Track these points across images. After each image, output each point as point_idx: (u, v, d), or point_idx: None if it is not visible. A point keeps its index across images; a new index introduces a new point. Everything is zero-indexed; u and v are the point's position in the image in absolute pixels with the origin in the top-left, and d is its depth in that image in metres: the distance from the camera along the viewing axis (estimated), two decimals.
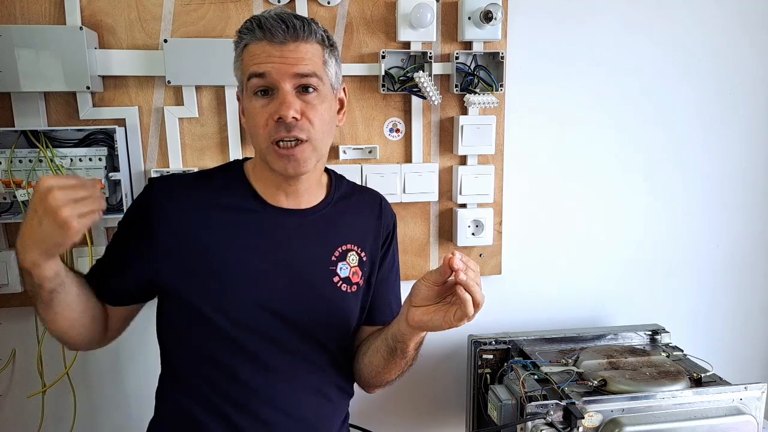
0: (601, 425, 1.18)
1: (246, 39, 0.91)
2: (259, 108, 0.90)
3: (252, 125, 0.92)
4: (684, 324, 1.75)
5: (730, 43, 1.66)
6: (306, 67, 0.89)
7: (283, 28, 0.88)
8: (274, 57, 0.88)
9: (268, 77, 0.89)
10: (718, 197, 1.74)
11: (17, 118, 1.29)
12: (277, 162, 0.92)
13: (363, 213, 1.08)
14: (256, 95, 0.91)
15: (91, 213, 0.80)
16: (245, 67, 0.91)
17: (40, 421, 1.41)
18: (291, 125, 0.89)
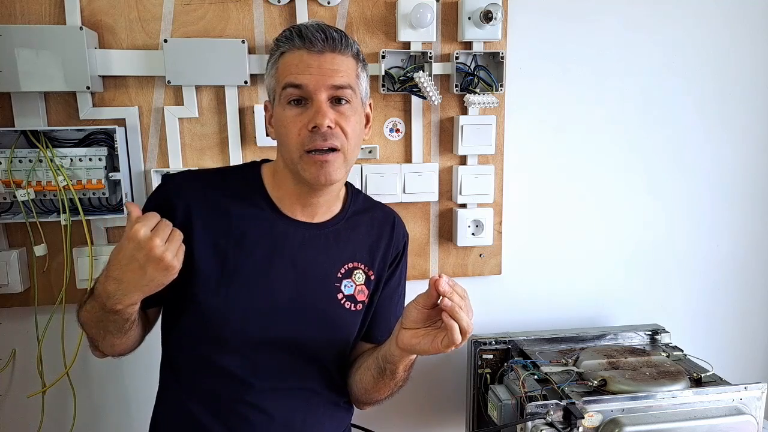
0: (601, 425, 1.18)
1: (284, 47, 0.91)
2: (292, 117, 0.90)
3: (283, 133, 0.92)
4: (684, 324, 1.75)
5: (729, 43, 1.66)
6: (342, 79, 0.90)
7: (322, 37, 0.89)
8: (312, 67, 0.89)
9: (304, 88, 0.89)
10: (718, 197, 1.74)
11: (17, 118, 1.29)
12: (309, 170, 0.91)
13: (374, 231, 1.06)
14: (289, 104, 0.91)
15: (181, 246, 0.82)
16: (281, 75, 0.91)
17: (40, 421, 1.41)
18: (326, 134, 0.89)
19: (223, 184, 0.99)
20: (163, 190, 0.98)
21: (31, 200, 1.27)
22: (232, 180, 1.00)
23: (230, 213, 0.96)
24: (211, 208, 0.95)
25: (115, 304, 0.82)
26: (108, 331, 0.89)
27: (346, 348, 1.05)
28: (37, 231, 1.33)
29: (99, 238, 1.37)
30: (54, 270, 1.37)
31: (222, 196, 0.97)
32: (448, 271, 1.58)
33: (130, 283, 0.80)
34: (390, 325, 1.08)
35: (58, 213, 1.32)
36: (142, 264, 0.78)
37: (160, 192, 0.98)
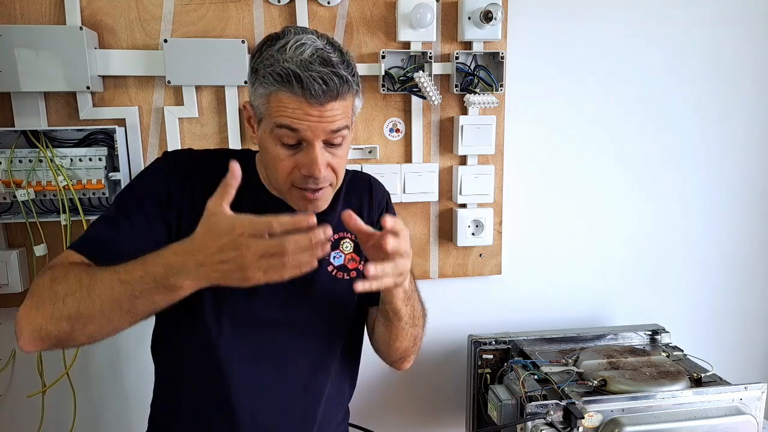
0: (601, 425, 1.18)
1: (278, 86, 0.84)
2: (284, 156, 0.88)
3: (272, 166, 0.90)
4: (684, 324, 1.75)
5: (728, 43, 1.66)
6: (340, 123, 0.87)
7: (323, 89, 0.83)
8: (311, 117, 0.84)
9: (301, 133, 0.85)
10: (718, 197, 1.74)
11: (17, 118, 1.29)
12: (297, 204, 0.92)
13: (352, 198, 1.06)
14: (282, 144, 0.87)
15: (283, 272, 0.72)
16: (272, 110, 0.86)
17: (40, 421, 1.41)
18: (317, 179, 0.88)
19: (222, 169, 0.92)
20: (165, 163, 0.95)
21: (31, 200, 1.27)
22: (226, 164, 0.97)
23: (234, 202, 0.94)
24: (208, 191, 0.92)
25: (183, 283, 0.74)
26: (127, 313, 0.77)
27: (345, 322, 1.04)
28: (37, 231, 1.33)
29: None
30: None
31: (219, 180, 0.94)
32: (448, 271, 1.58)
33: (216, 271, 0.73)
34: None
35: (58, 213, 1.32)
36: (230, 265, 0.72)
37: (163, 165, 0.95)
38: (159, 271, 0.74)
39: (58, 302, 0.77)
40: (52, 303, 0.78)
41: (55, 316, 0.77)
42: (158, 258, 0.75)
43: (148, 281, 0.74)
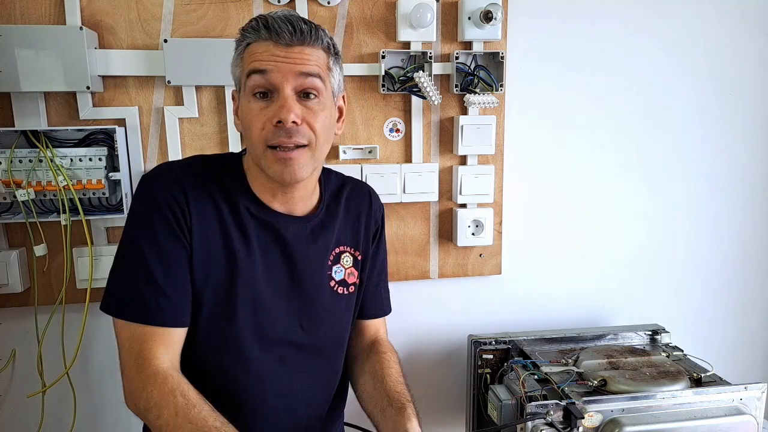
0: (601, 425, 1.18)
1: (250, 38, 0.87)
2: (257, 110, 0.87)
3: (247, 127, 0.88)
4: (684, 324, 1.75)
5: (730, 43, 1.66)
6: (310, 67, 0.86)
7: (290, 30, 0.84)
8: (278, 56, 0.85)
9: (269, 75, 0.85)
10: (718, 197, 1.74)
11: (17, 118, 1.29)
12: (272, 167, 0.88)
13: (352, 209, 1.06)
14: (254, 96, 0.87)
15: None
16: (245, 64, 0.87)
17: (40, 421, 1.41)
18: (291, 130, 0.85)
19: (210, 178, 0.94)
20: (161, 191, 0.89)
21: (31, 200, 1.27)
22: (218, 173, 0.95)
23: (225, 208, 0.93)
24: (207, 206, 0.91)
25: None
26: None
27: (345, 333, 1.05)
28: (37, 231, 1.33)
29: (99, 238, 1.37)
30: (54, 270, 1.37)
31: (214, 193, 0.92)
32: (448, 271, 1.58)
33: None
34: (379, 298, 1.11)
35: (58, 213, 1.32)
36: None
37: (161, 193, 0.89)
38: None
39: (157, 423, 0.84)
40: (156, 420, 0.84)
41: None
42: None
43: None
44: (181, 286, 0.89)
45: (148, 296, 0.87)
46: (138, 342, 0.86)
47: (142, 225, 0.89)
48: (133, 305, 0.87)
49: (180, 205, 0.89)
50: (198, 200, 0.90)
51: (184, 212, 0.89)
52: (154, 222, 0.88)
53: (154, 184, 0.90)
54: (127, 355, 0.87)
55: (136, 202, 0.91)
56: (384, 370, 1.02)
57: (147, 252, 0.87)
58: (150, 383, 0.84)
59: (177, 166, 0.94)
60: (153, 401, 0.83)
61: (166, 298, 0.87)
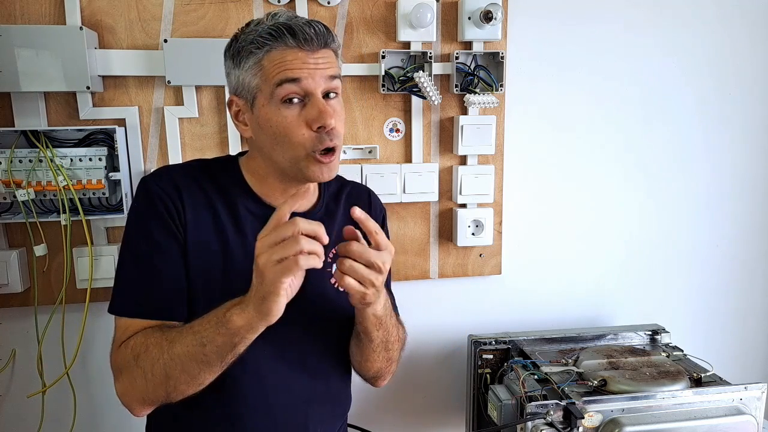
0: (601, 425, 1.18)
1: (271, 44, 0.85)
2: (293, 117, 0.87)
3: (280, 135, 0.88)
4: (684, 324, 1.75)
5: (729, 43, 1.66)
6: (333, 70, 0.89)
7: (314, 33, 0.86)
8: (308, 64, 0.86)
9: (303, 83, 0.85)
10: (718, 197, 1.74)
11: (17, 118, 1.29)
12: (314, 170, 0.89)
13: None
14: (284, 103, 0.87)
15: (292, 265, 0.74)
16: (269, 73, 0.86)
17: (40, 421, 1.41)
18: (330, 133, 0.87)
19: (207, 179, 0.95)
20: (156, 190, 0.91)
21: (31, 200, 1.27)
22: (215, 175, 0.96)
23: (224, 209, 0.93)
24: (202, 205, 0.93)
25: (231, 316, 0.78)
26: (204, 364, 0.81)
27: (346, 330, 1.04)
28: (37, 231, 1.33)
29: (99, 238, 1.37)
30: (54, 270, 1.37)
31: (210, 192, 0.94)
32: (448, 271, 1.58)
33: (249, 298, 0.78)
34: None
35: (58, 213, 1.32)
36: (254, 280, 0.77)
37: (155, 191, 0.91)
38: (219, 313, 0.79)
39: (149, 374, 0.83)
40: (145, 377, 0.83)
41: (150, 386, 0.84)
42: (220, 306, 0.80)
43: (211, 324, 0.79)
44: (176, 280, 0.90)
45: (142, 291, 0.89)
46: (123, 330, 0.89)
47: (139, 224, 0.91)
48: (128, 301, 0.89)
49: (173, 201, 0.90)
50: (192, 196, 0.92)
51: (178, 207, 0.90)
52: (149, 220, 0.90)
53: (150, 185, 0.92)
54: (116, 344, 0.90)
55: (134, 203, 0.93)
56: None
57: (143, 249, 0.90)
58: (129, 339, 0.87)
59: (173, 168, 0.97)
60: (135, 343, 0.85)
61: (160, 292, 0.89)
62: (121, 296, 0.90)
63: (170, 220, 0.90)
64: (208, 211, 0.93)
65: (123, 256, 0.92)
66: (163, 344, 0.82)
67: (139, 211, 0.92)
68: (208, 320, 0.80)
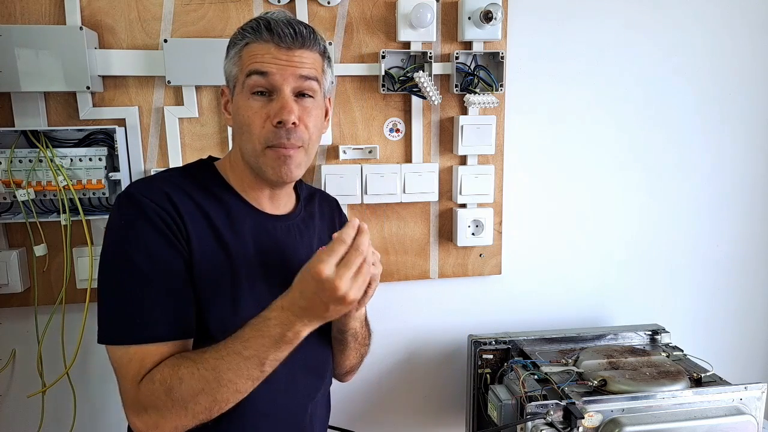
0: (601, 425, 1.18)
1: (250, 38, 0.89)
2: (256, 108, 0.89)
3: (244, 125, 0.90)
4: (684, 324, 1.75)
5: (729, 43, 1.66)
6: (308, 70, 0.90)
7: (291, 33, 0.87)
8: (279, 60, 0.88)
9: (270, 77, 0.88)
10: (718, 197, 1.74)
11: (17, 118, 1.29)
12: (269, 166, 0.90)
13: (326, 215, 1.12)
14: (253, 95, 0.89)
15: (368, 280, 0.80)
16: (244, 63, 0.89)
17: (40, 421, 1.41)
18: (290, 131, 0.88)
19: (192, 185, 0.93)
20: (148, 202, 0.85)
21: (31, 200, 1.27)
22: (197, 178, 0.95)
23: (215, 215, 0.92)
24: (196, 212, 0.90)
25: (300, 329, 0.80)
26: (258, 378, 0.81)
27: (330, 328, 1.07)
28: (37, 231, 1.33)
29: (99, 238, 1.37)
30: (54, 270, 1.37)
31: (199, 199, 0.91)
32: (448, 271, 1.58)
33: (315, 316, 0.80)
34: None
35: (58, 213, 1.32)
36: (325, 301, 0.77)
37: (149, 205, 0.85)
38: (276, 332, 0.79)
39: (190, 404, 0.79)
40: (184, 408, 0.80)
41: (190, 414, 0.80)
42: (269, 321, 0.80)
43: (269, 344, 0.79)
44: (184, 294, 0.85)
45: (144, 311, 0.82)
46: (137, 363, 0.81)
47: (130, 239, 0.84)
48: (129, 325, 0.82)
49: (171, 214, 0.86)
50: (185, 206, 0.89)
51: (176, 221, 0.86)
52: (145, 233, 0.84)
53: (138, 197, 0.85)
54: (123, 380, 0.82)
55: (119, 219, 0.85)
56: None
57: (141, 264, 0.82)
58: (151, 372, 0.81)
59: (156, 178, 0.93)
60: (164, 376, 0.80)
61: (168, 308, 0.83)
62: (118, 323, 0.82)
63: (171, 235, 0.85)
64: (204, 220, 0.90)
65: (112, 277, 0.83)
66: (205, 374, 0.79)
67: (129, 227, 0.84)
68: (261, 343, 0.79)
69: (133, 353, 0.82)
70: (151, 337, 0.82)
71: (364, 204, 1.49)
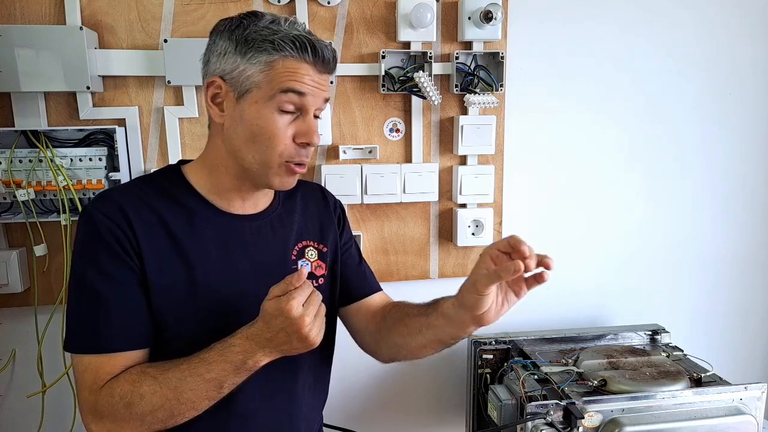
0: (601, 425, 1.18)
1: (290, 53, 0.87)
2: (283, 125, 0.89)
3: (264, 137, 0.89)
4: (684, 324, 1.75)
5: (729, 43, 1.66)
6: (328, 94, 0.94)
7: (330, 58, 0.91)
8: (316, 83, 0.90)
9: (305, 98, 0.89)
10: (719, 197, 1.74)
11: (17, 118, 1.29)
12: (278, 177, 0.93)
13: (310, 206, 1.09)
14: (281, 111, 0.89)
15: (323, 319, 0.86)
16: (278, 77, 0.87)
17: (40, 421, 1.41)
18: (308, 150, 0.93)
19: (152, 193, 0.92)
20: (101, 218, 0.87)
21: (31, 200, 1.27)
22: (159, 185, 0.95)
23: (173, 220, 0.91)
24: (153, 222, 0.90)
25: (258, 361, 0.84)
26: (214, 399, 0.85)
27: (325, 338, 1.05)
28: (37, 231, 1.33)
29: None
30: (54, 270, 1.37)
31: (159, 207, 0.91)
32: (448, 271, 1.58)
33: (274, 347, 0.84)
34: (365, 272, 1.14)
35: (58, 213, 1.32)
36: (290, 335, 0.82)
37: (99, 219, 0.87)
38: (238, 359, 0.83)
39: (148, 418, 0.84)
40: (141, 420, 0.84)
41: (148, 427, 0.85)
42: (233, 348, 0.84)
43: (230, 369, 0.84)
44: (135, 308, 0.87)
45: (100, 325, 0.86)
46: (92, 372, 0.85)
47: (85, 255, 0.87)
48: (87, 337, 0.86)
49: (122, 227, 0.87)
50: (140, 216, 0.89)
51: (126, 232, 0.87)
52: (96, 250, 0.86)
53: (93, 213, 0.88)
54: (81, 387, 0.86)
55: (78, 234, 0.89)
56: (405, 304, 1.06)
57: (94, 281, 0.86)
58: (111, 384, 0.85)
59: (115, 191, 0.93)
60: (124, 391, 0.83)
61: (120, 323, 0.86)
62: (78, 334, 0.86)
63: (120, 249, 0.86)
64: (160, 227, 0.90)
65: (73, 291, 0.88)
66: (166, 393, 0.83)
67: (84, 243, 0.88)
68: (223, 368, 0.83)
69: (87, 362, 0.86)
70: (104, 348, 0.86)
71: (364, 204, 1.49)
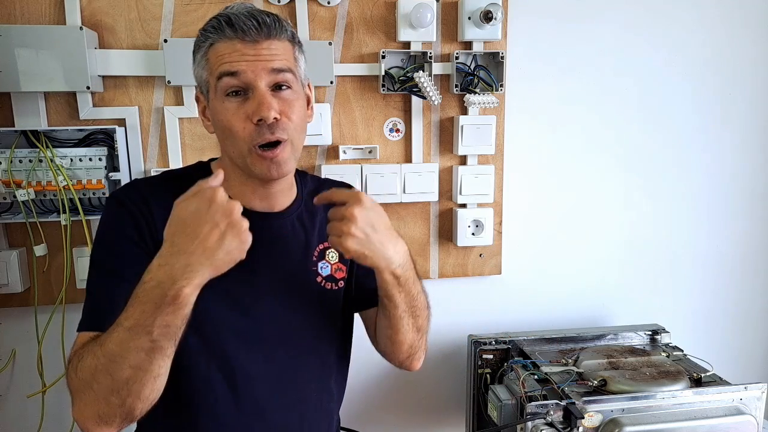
0: (601, 425, 1.18)
1: (213, 37, 0.85)
2: (234, 109, 0.85)
3: (226, 128, 0.87)
4: (684, 324, 1.75)
5: (729, 43, 1.66)
6: (281, 62, 0.86)
7: (255, 25, 0.83)
8: (247, 55, 0.84)
9: (242, 76, 0.84)
10: (718, 197, 1.74)
11: (17, 118, 1.29)
12: (259, 166, 0.88)
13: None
14: (228, 96, 0.85)
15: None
16: (213, 66, 0.85)
17: (40, 421, 1.41)
18: (272, 126, 0.85)
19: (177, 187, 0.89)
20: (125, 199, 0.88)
21: (31, 200, 1.27)
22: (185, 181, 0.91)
23: None
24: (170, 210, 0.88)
25: (182, 286, 0.72)
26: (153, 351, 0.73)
27: (336, 328, 1.04)
28: (37, 231, 1.33)
29: None
30: (54, 270, 1.37)
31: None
32: (448, 271, 1.58)
33: (203, 255, 0.73)
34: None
35: (58, 213, 1.32)
36: (223, 231, 0.74)
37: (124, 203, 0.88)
38: (155, 293, 0.72)
39: (94, 385, 0.75)
40: (90, 388, 0.75)
41: (100, 397, 0.75)
42: (144, 284, 0.74)
43: (149, 309, 0.72)
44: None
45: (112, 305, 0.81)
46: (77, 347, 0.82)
47: (104, 241, 0.88)
48: (97, 316, 0.84)
49: (144, 215, 0.87)
50: (162, 206, 0.87)
51: (149, 222, 0.87)
52: (115, 235, 0.87)
53: (117, 198, 0.89)
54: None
55: (101, 219, 0.90)
56: None
57: (107, 264, 0.86)
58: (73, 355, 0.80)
59: (142, 181, 0.94)
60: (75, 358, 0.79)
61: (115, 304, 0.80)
62: (90, 314, 0.85)
63: (137, 236, 0.87)
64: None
65: (89, 273, 0.88)
66: (96, 351, 0.75)
67: (105, 229, 0.89)
68: (141, 310, 0.72)
69: (76, 339, 0.83)
70: (94, 326, 0.82)
71: None
